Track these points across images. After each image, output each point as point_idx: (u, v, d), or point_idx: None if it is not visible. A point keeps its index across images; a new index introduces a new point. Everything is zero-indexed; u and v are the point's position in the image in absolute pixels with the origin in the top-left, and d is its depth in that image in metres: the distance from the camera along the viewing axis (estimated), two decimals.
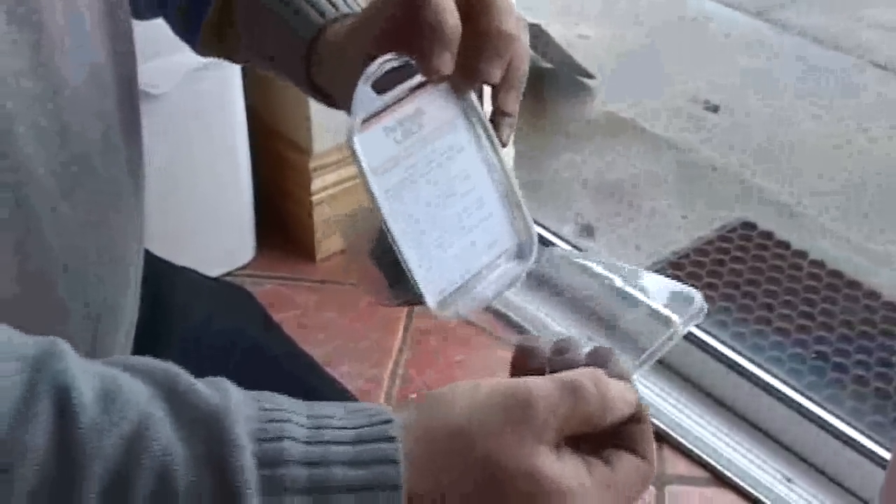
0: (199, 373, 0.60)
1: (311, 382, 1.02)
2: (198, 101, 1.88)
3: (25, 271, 0.70)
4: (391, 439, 0.56)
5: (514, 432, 0.56)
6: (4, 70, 0.67)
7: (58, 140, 0.71)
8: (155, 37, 0.89)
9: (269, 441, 0.55)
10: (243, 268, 2.08)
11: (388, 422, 0.57)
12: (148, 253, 0.90)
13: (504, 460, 0.56)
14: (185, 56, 1.91)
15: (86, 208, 0.74)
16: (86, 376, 0.55)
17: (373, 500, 0.55)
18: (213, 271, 1.89)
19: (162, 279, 0.95)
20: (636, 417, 0.61)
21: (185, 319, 0.98)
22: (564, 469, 0.57)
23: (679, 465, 1.71)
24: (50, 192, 0.70)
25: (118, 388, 0.55)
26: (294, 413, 0.57)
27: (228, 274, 2.04)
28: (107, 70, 0.77)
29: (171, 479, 0.53)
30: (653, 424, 1.66)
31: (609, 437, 0.60)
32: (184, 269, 1.04)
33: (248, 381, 0.71)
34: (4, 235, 0.68)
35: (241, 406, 0.56)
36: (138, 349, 0.88)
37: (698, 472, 1.70)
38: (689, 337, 1.83)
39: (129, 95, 0.81)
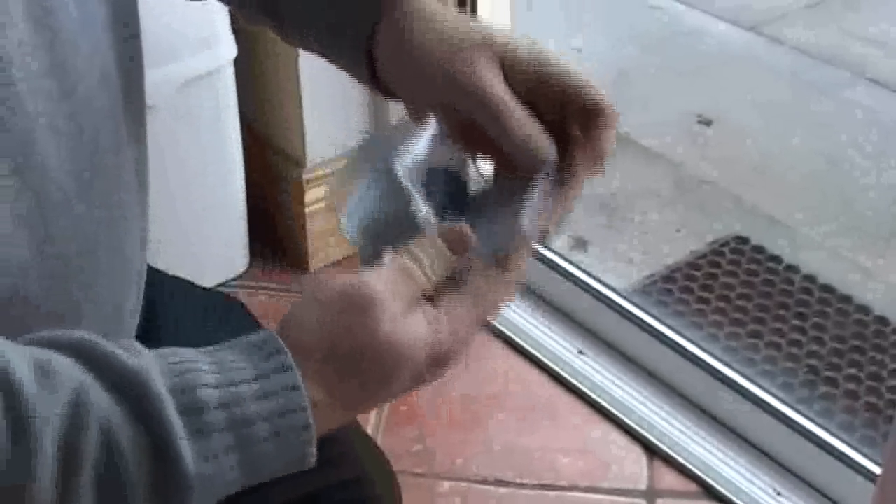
0: None
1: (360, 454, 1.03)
2: (192, 112, 1.88)
3: (45, 270, 0.71)
4: (289, 368, 0.63)
5: (363, 320, 0.65)
6: (26, 70, 0.68)
7: (73, 140, 0.72)
8: (149, 48, 0.89)
9: (185, 392, 0.61)
10: (236, 279, 2.08)
11: (280, 352, 0.63)
12: None
13: (363, 345, 0.64)
14: (180, 67, 1.92)
15: (98, 209, 0.76)
16: (17, 355, 0.59)
17: (286, 423, 0.62)
18: (207, 282, 1.89)
19: (155, 289, 0.95)
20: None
21: (178, 329, 0.98)
22: (405, 328, 0.65)
23: (670, 479, 1.71)
24: (67, 191, 0.72)
25: (48, 360, 0.60)
26: (199, 362, 0.63)
27: (222, 285, 2.04)
28: (116, 72, 0.78)
29: (114, 439, 0.59)
30: (644, 437, 1.66)
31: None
32: (177, 278, 1.04)
33: None
34: (25, 233, 0.69)
35: (154, 364, 0.62)
36: None
37: (689, 486, 1.70)
38: (681, 351, 1.83)
39: (137, 97, 0.82)
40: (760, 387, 1.77)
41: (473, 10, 2.01)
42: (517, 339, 1.93)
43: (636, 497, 1.69)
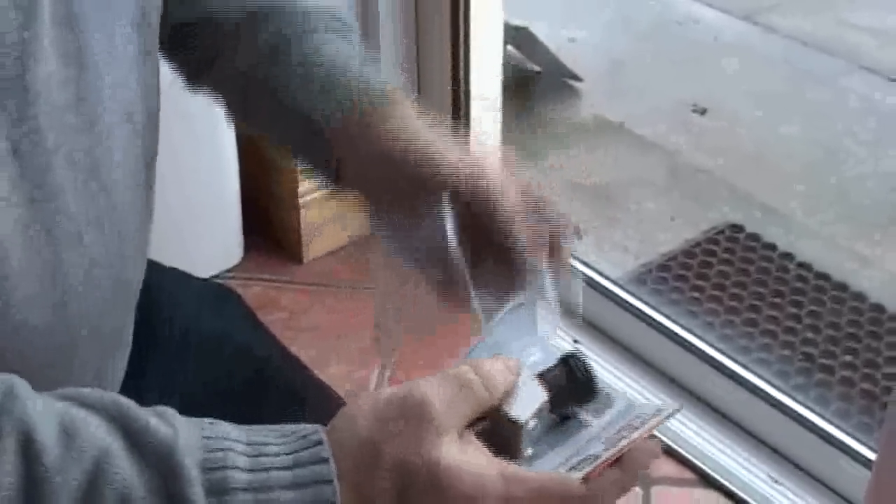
0: (188, 374, 0.62)
1: (297, 384, 1.03)
2: (185, 103, 1.87)
3: (50, 300, 0.71)
4: (325, 461, 0.61)
5: (415, 431, 0.62)
6: (51, 105, 0.68)
7: (89, 174, 0.72)
8: None
9: (214, 471, 0.59)
10: (231, 270, 2.07)
11: (320, 443, 0.61)
12: None
13: (410, 458, 0.61)
14: None
15: (107, 239, 0.75)
16: (45, 416, 0.58)
17: None
18: (202, 273, 1.88)
19: (151, 280, 0.95)
20: None
21: (173, 320, 0.98)
22: (465, 456, 0.63)
23: (666, 467, 1.71)
24: (78, 222, 0.71)
25: (76, 425, 0.59)
26: (234, 441, 0.61)
27: (216, 276, 2.03)
28: (138, 105, 0.78)
29: None
30: None
31: None
32: (172, 269, 1.04)
33: (234, 383, 0.71)
34: (37, 263, 0.69)
35: (188, 438, 0.60)
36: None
37: (685, 474, 1.70)
38: (677, 339, 1.83)
39: (153, 129, 0.82)
40: (756, 374, 1.76)
41: (467, 6, 2.00)
42: None
43: None
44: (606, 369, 1.85)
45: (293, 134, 0.85)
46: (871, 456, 1.60)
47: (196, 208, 1.98)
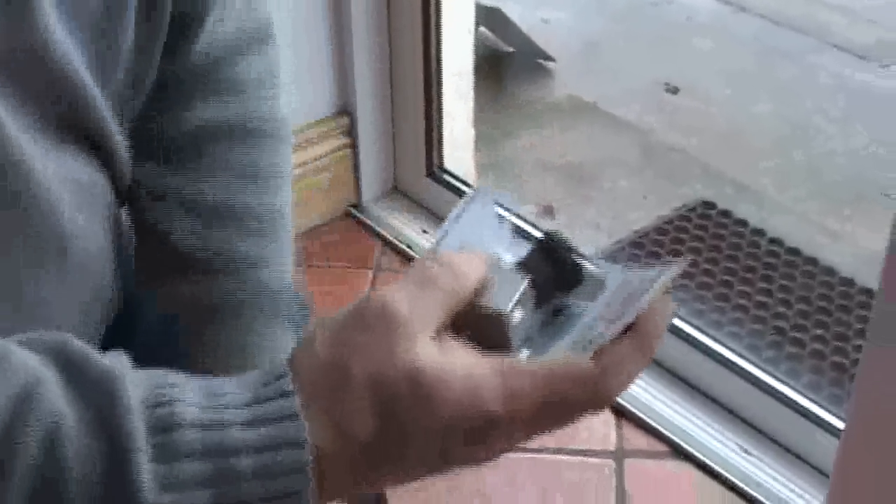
0: (164, 362, 0.58)
1: None
2: None
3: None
4: (288, 394, 0.53)
5: (384, 340, 0.54)
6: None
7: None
8: None
9: (160, 406, 0.52)
10: None
11: (283, 376, 0.54)
12: None
13: (383, 370, 0.53)
14: None
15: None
16: None
17: (276, 460, 0.52)
18: None
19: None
20: None
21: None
22: (449, 356, 0.54)
23: (638, 440, 1.72)
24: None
25: (7, 353, 0.53)
26: (186, 382, 0.54)
27: None
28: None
29: (58, 444, 0.51)
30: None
31: None
32: None
33: None
34: None
35: (133, 374, 0.53)
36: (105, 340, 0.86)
37: (658, 446, 1.71)
38: None
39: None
40: (728, 347, 1.78)
41: None
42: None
43: (605, 458, 1.70)
44: None
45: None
46: (841, 425, 1.61)
47: None
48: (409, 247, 2.07)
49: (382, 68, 2.09)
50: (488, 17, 2.78)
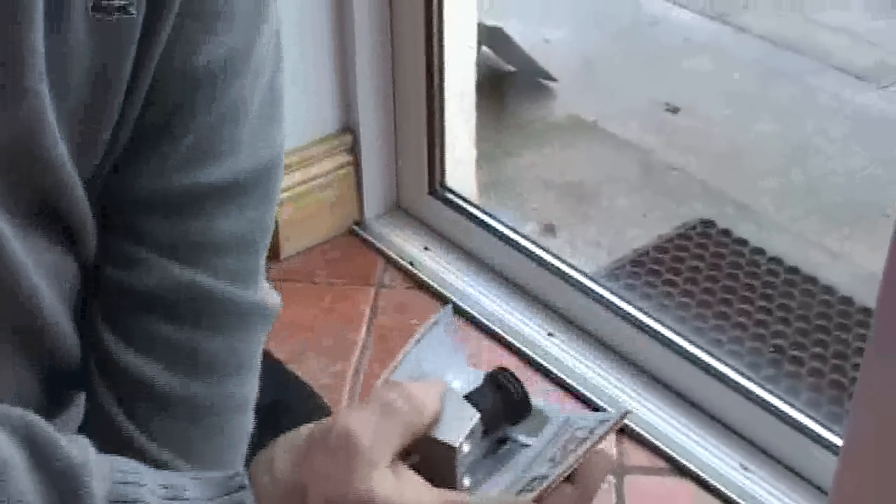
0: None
1: (275, 380, 1.02)
2: None
3: None
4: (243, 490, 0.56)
5: (343, 466, 0.57)
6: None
7: None
8: None
9: (123, 502, 0.54)
10: None
11: (243, 488, 0.57)
12: None
13: (341, 496, 0.56)
14: None
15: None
16: None
17: None
18: None
19: None
20: None
21: None
22: (401, 487, 0.57)
23: (639, 456, 1.73)
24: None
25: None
26: (148, 479, 0.56)
27: None
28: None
29: None
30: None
31: None
32: None
33: None
34: None
35: (98, 465, 0.55)
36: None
37: (658, 463, 1.72)
38: (649, 331, 1.85)
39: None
40: (727, 365, 1.79)
41: (440, 6, 2.03)
42: (488, 323, 1.95)
43: None
44: (580, 361, 1.88)
45: None
46: (840, 443, 1.62)
47: None
48: (411, 264, 2.08)
49: (385, 87, 2.10)
50: (490, 36, 2.79)
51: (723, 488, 1.66)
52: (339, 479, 0.56)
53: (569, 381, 1.84)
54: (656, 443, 1.73)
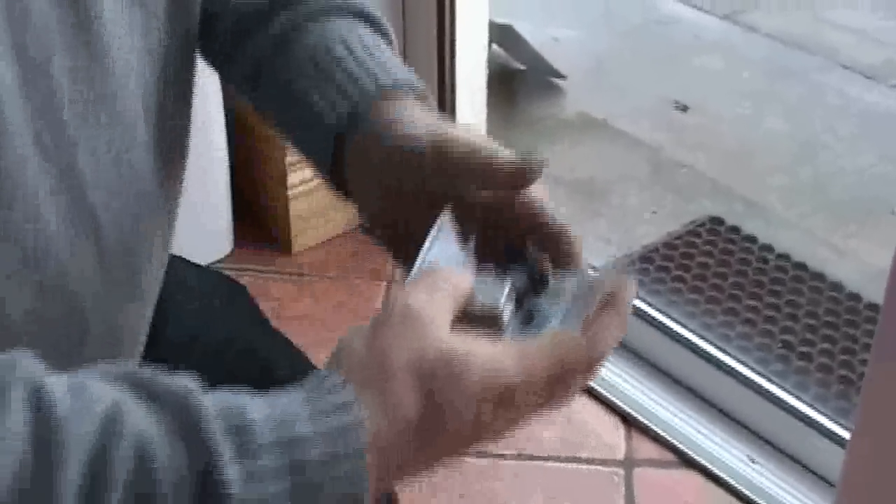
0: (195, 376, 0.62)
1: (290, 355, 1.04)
2: None
3: (66, 287, 0.72)
4: (341, 387, 0.58)
5: (415, 331, 0.60)
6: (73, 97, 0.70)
7: (110, 170, 0.74)
8: None
9: (232, 412, 0.57)
10: (221, 260, 2.11)
11: (331, 374, 0.59)
12: None
13: (419, 357, 0.59)
14: None
15: (122, 222, 0.76)
16: (52, 376, 0.56)
17: (339, 446, 0.57)
18: None
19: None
20: None
21: (182, 321, 0.98)
22: (473, 342, 0.61)
23: (647, 449, 1.75)
24: (62, 243, 0.71)
25: (84, 383, 0.57)
26: (246, 394, 0.59)
27: (207, 266, 2.06)
28: (156, 108, 0.79)
29: (149, 454, 0.55)
30: (622, 409, 1.70)
31: None
32: (181, 258, 1.03)
33: (242, 380, 0.72)
34: (22, 282, 0.69)
35: (199, 387, 0.58)
36: None
37: (666, 455, 1.74)
38: (658, 326, 1.87)
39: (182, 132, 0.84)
40: (736, 359, 1.81)
41: (452, 5, 2.04)
42: None
43: (614, 466, 1.73)
44: None
45: (297, 125, 0.82)
46: (848, 436, 1.63)
47: (187, 199, 1.99)
48: None
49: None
50: (500, 34, 2.81)
51: (731, 481, 1.68)
52: (413, 344, 0.59)
53: None
54: (665, 436, 1.75)
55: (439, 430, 0.60)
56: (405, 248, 0.72)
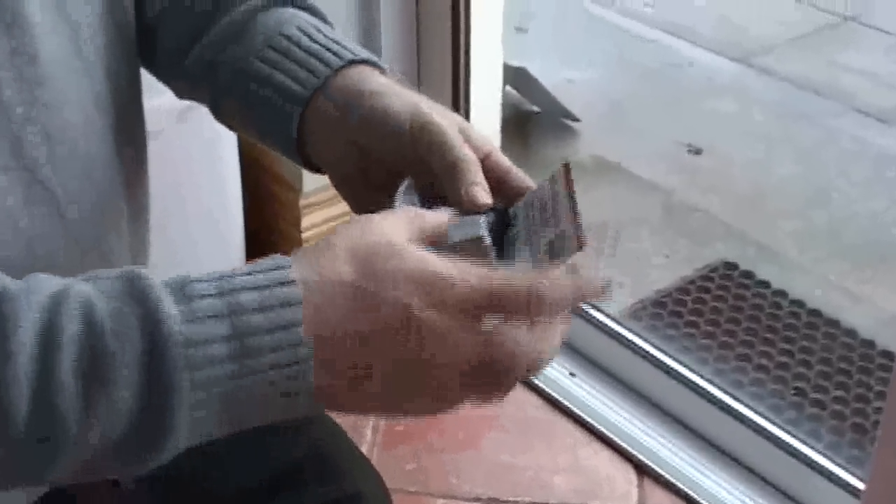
0: None
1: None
2: (191, 138, 1.92)
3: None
4: (282, 260, 0.62)
5: (359, 228, 0.64)
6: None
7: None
8: (150, 77, 0.94)
9: (177, 280, 0.62)
10: None
11: (284, 266, 0.62)
12: None
13: (364, 238, 0.63)
14: None
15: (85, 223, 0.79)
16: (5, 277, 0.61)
17: (273, 294, 0.61)
18: None
19: None
20: None
21: None
22: (450, 261, 0.63)
23: (659, 496, 1.74)
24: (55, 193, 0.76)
25: (35, 275, 0.62)
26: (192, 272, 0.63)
27: None
28: (110, 96, 0.83)
29: (96, 313, 0.59)
30: (634, 456, 1.68)
31: None
32: None
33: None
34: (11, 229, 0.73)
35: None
36: None
37: (678, 503, 1.73)
38: (670, 372, 1.86)
39: (133, 119, 0.87)
40: (749, 407, 1.80)
41: (467, 41, 2.05)
42: None
43: None
44: (601, 401, 1.89)
45: (259, 113, 0.84)
46: (862, 487, 1.62)
47: (200, 242, 2.01)
48: None
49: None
50: (514, 76, 2.82)
51: None
52: (358, 232, 0.64)
53: (591, 421, 1.85)
54: (677, 484, 1.74)
55: (373, 301, 0.61)
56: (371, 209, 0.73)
